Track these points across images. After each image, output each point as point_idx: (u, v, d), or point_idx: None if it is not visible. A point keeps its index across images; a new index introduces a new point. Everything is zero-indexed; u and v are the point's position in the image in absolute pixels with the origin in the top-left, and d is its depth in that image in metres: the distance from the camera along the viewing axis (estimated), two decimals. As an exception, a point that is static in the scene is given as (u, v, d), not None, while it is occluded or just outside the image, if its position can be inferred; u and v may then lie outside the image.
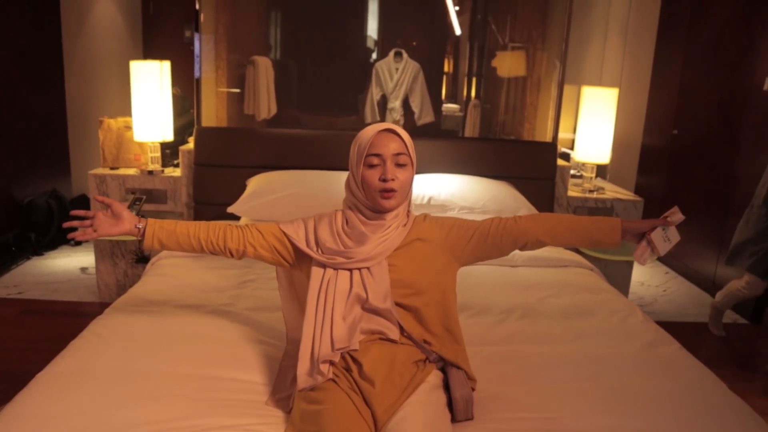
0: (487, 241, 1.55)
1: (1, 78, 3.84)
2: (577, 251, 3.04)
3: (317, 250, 1.52)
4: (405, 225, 1.55)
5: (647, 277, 4.11)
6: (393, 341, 1.43)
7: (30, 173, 4.14)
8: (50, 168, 4.34)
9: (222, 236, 1.55)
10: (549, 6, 3.49)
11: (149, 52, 5.77)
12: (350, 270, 1.48)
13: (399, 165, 1.49)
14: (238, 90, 3.64)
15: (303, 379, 1.38)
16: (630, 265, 3.31)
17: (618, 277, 3.28)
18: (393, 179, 1.47)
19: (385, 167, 1.47)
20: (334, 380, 1.37)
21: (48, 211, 4.02)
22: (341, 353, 1.40)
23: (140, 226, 1.52)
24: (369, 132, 1.50)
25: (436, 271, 1.52)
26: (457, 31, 4.19)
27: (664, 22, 4.54)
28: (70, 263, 3.81)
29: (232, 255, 1.57)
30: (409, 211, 1.59)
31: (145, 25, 5.84)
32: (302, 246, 1.53)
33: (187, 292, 2.05)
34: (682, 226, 1.58)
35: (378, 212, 1.52)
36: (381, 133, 1.50)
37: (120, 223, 1.52)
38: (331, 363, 1.39)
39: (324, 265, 1.50)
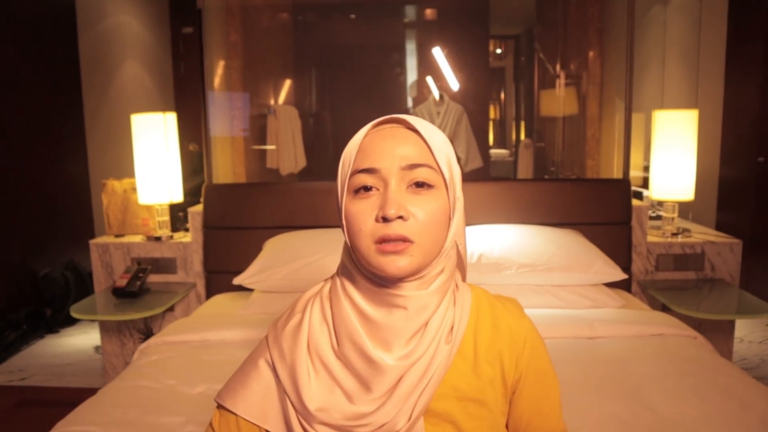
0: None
1: (18, 146, 3.63)
2: (665, 308, 2.49)
3: (296, 416, 0.82)
4: (452, 330, 0.83)
5: (746, 331, 3.46)
6: None
7: (47, 244, 3.87)
8: (69, 238, 4.07)
9: None
10: (603, 25, 3.05)
11: (182, 110, 5.59)
12: None
13: (417, 186, 0.79)
14: (273, 147, 3.27)
15: None
16: (731, 323, 2.71)
17: (716, 336, 2.69)
18: (401, 216, 0.76)
19: (386, 194, 0.77)
20: None
21: (64, 285, 3.72)
22: None
23: None
24: (360, 132, 0.83)
25: None
26: (454, 86, 3.82)
27: (734, 39, 4.02)
28: (85, 341, 3.46)
29: None
30: (456, 287, 0.87)
31: (177, 85, 5.70)
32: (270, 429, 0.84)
33: (167, 392, 1.60)
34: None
35: (384, 286, 0.80)
36: (379, 131, 0.81)
37: None
38: None
39: None
